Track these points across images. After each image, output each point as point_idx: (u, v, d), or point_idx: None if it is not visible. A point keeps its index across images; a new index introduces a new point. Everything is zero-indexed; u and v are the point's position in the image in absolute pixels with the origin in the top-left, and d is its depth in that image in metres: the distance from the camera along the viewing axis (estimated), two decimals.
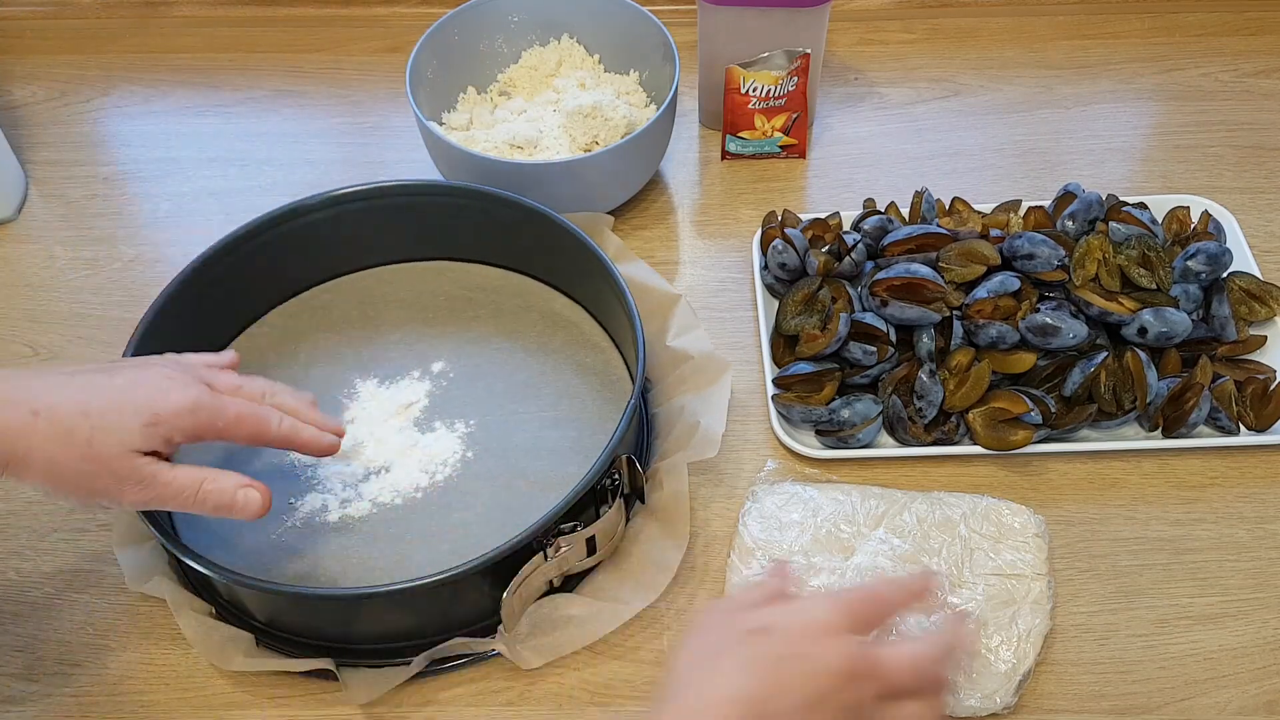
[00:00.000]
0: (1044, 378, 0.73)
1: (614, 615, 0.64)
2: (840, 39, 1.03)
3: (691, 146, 0.95)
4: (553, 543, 0.62)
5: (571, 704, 0.64)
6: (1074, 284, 0.74)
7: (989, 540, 0.66)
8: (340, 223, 0.79)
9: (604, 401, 0.75)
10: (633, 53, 0.93)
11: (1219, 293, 0.75)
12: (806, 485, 0.70)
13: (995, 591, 0.64)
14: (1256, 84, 0.97)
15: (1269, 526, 0.69)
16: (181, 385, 0.58)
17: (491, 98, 0.94)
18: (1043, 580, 0.65)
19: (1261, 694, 0.62)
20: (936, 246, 0.76)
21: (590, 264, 0.74)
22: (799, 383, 0.74)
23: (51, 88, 1.04)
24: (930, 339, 0.74)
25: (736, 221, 0.89)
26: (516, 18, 0.94)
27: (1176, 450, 0.73)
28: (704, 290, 0.84)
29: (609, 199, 0.87)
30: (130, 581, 0.66)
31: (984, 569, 0.65)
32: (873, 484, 0.72)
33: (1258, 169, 0.90)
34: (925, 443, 0.72)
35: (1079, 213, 0.78)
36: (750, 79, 0.85)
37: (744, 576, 0.66)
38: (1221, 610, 0.66)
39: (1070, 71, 0.99)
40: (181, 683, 0.65)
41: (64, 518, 0.73)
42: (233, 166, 0.96)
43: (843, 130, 0.96)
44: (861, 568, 0.65)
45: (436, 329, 0.80)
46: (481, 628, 0.64)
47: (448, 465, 0.72)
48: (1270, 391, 0.72)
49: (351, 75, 1.03)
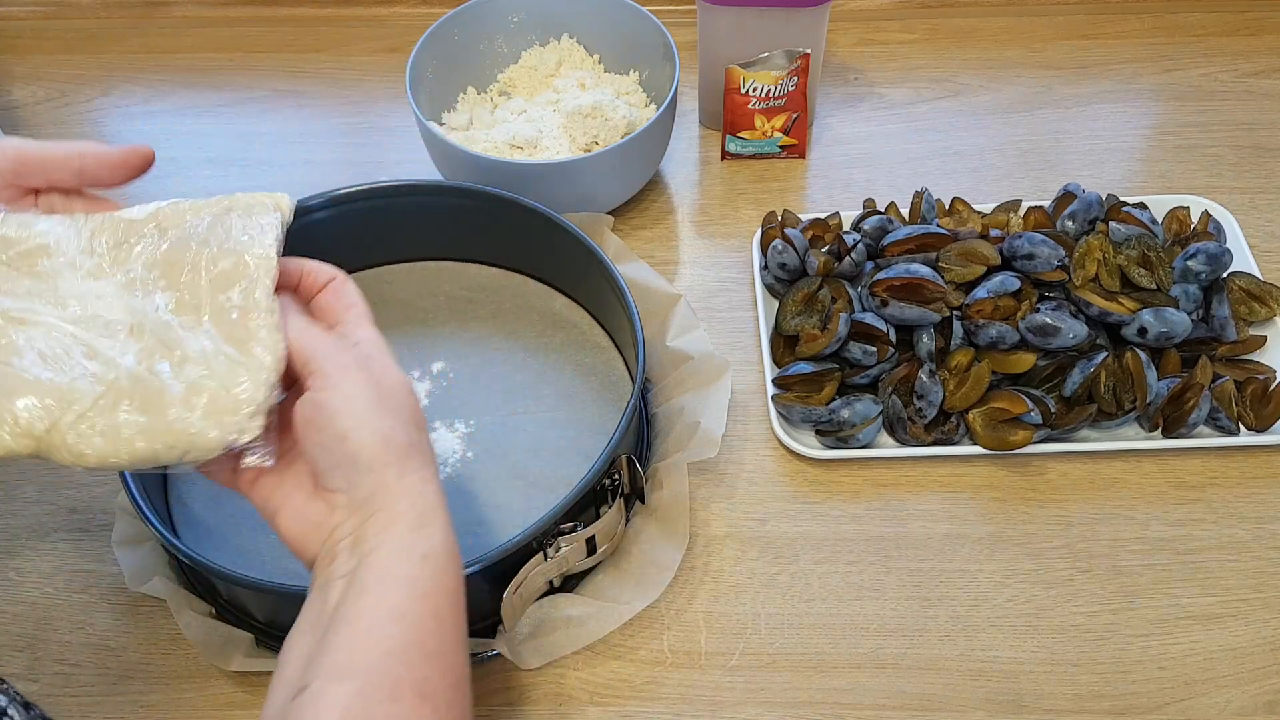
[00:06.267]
0: (1044, 378, 0.73)
1: (614, 615, 0.64)
2: (840, 39, 1.03)
3: (691, 146, 0.95)
4: (553, 543, 0.62)
5: (571, 704, 0.64)
6: (1074, 284, 0.74)
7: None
8: (340, 223, 0.79)
9: (604, 401, 0.75)
10: (633, 53, 0.93)
11: (1219, 293, 0.75)
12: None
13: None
14: (1256, 84, 0.97)
15: (1269, 526, 0.69)
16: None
17: (491, 98, 0.94)
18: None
19: (1261, 694, 0.62)
20: (936, 246, 0.76)
21: (590, 264, 0.74)
22: (799, 383, 0.74)
23: (51, 88, 1.04)
24: (930, 339, 0.74)
25: (736, 221, 0.89)
26: (516, 18, 0.94)
27: (1176, 450, 0.73)
28: (704, 290, 0.84)
29: (609, 199, 0.87)
30: (130, 581, 0.66)
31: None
32: (872, 484, 0.72)
33: (1258, 169, 0.90)
34: (925, 443, 0.72)
35: (1079, 213, 0.78)
36: (750, 79, 0.85)
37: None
38: (1221, 610, 0.66)
39: (1070, 71, 0.99)
40: (181, 683, 0.65)
41: (64, 518, 0.73)
42: (233, 166, 0.96)
43: (843, 130, 0.96)
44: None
45: (436, 329, 0.80)
46: (481, 628, 0.64)
47: (448, 465, 0.72)
48: (1270, 391, 0.72)
49: (351, 75, 1.03)
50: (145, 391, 0.48)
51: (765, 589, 0.68)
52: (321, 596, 0.47)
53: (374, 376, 0.49)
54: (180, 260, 0.51)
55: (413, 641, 0.45)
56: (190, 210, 0.52)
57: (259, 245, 0.51)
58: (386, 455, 0.48)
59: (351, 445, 0.47)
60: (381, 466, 0.48)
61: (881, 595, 0.67)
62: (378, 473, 0.48)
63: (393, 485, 0.48)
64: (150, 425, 0.48)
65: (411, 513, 0.48)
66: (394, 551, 0.46)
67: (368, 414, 0.48)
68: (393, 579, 0.46)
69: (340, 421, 0.48)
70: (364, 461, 0.47)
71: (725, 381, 0.70)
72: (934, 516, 0.70)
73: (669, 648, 0.65)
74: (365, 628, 0.44)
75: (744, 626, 0.66)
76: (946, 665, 0.64)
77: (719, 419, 0.69)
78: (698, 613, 0.67)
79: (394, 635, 0.44)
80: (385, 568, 0.46)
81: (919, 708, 0.63)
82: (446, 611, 0.47)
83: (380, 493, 0.48)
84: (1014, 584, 0.67)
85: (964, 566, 0.68)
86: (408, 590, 0.46)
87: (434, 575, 0.47)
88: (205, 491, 0.71)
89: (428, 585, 0.46)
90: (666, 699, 0.63)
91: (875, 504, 0.71)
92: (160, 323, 0.50)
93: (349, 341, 0.51)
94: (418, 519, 0.48)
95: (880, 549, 0.69)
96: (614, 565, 0.67)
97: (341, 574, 0.46)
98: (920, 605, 0.66)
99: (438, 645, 0.46)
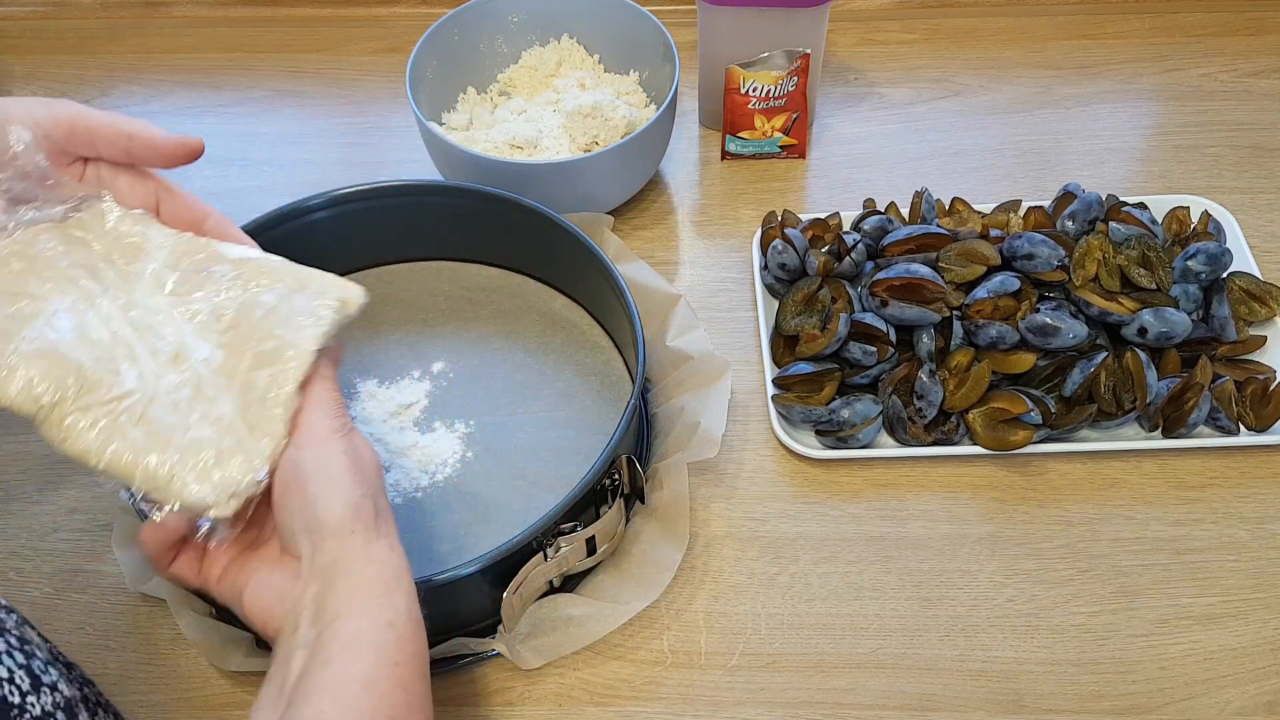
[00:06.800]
0: (1044, 378, 0.73)
1: (614, 615, 0.64)
2: (840, 39, 1.03)
3: (691, 146, 0.95)
4: (553, 543, 0.62)
5: (571, 704, 0.64)
6: (1074, 284, 0.74)
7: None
8: (340, 223, 0.79)
9: (604, 401, 0.75)
10: (633, 53, 0.93)
11: (1219, 293, 0.75)
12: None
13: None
14: (1256, 84, 0.97)
15: (1269, 526, 0.69)
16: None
17: (491, 98, 0.94)
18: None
19: (1261, 694, 0.62)
20: (936, 247, 0.76)
21: (590, 264, 0.74)
22: (799, 383, 0.74)
23: (51, 88, 1.04)
24: (930, 339, 0.74)
25: (736, 221, 0.89)
26: (516, 18, 0.94)
27: (1176, 450, 0.73)
28: (704, 290, 0.84)
29: (609, 199, 0.87)
30: (130, 581, 0.66)
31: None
32: (872, 484, 0.72)
33: (1258, 169, 0.90)
34: (925, 443, 0.72)
35: (1079, 213, 0.78)
36: (750, 79, 0.85)
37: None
38: (1221, 610, 0.66)
39: (1070, 71, 0.99)
40: (181, 683, 0.65)
41: (64, 518, 0.73)
42: (233, 166, 0.96)
43: (843, 130, 0.96)
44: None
45: (436, 329, 0.80)
46: (481, 628, 0.64)
47: (448, 465, 0.72)
48: (1270, 391, 0.72)
49: (351, 75, 1.03)
50: (159, 420, 0.49)
51: (765, 589, 0.68)
52: (282, 670, 0.46)
53: (354, 448, 0.50)
54: (240, 323, 0.52)
55: (380, 711, 0.44)
56: (271, 274, 0.54)
57: (305, 337, 0.52)
58: (354, 523, 0.48)
59: (321, 510, 0.48)
60: (348, 534, 0.48)
61: (881, 595, 0.67)
62: (344, 539, 0.48)
63: (358, 553, 0.48)
64: (144, 449, 0.48)
65: (377, 581, 0.47)
66: (359, 620, 0.46)
67: (341, 479, 0.49)
68: (359, 647, 0.45)
69: (313, 485, 0.48)
70: (331, 526, 0.48)
71: (725, 381, 0.70)
72: (934, 516, 0.70)
73: (669, 648, 0.65)
74: (332, 699, 0.44)
75: (744, 626, 0.66)
76: (946, 665, 0.64)
77: (719, 419, 0.69)
78: (698, 613, 0.67)
79: (362, 705, 0.44)
80: (351, 635, 0.45)
81: (919, 708, 0.63)
82: (411, 680, 0.47)
83: (345, 560, 0.47)
84: (1014, 584, 0.67)
85: (964, 566, 0.68)
86: (374, 658, 0.45)
87: (399, 643, 0.46)
88: None
89: (394, 653, 0.46)
90: (666, 699, 0.63)
91: (875, 504, 0.71)
92: (200, 373, 0.51)
93: (341, 410, 0.52)
94: (383, 587, 0.47)
95: (880, 549, 0.69)
96: (614, 565, 0.67)
97: (303, 643, 0.46)
98: (920, 605, 0.66)
99: (404, 715, 0.45)
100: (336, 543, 0.48)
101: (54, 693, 0.49)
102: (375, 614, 0.46)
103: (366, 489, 0.49)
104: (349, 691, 0.44)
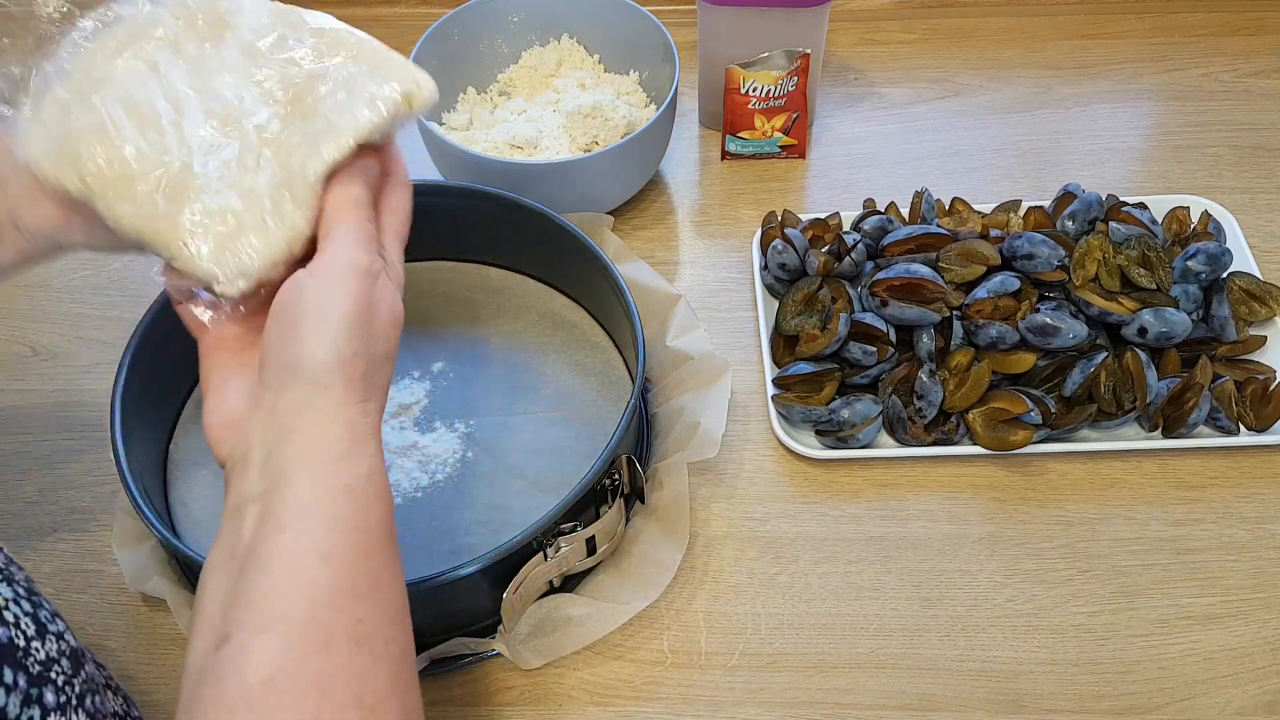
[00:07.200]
0: (1044, 378, 0.73)
1: (614, 615, 0.64)
2: (840, 39, 1.03)
3: (691, 146, 0.95)
4: (553, 543, 0.62)
5: (571, 704, 0.64)
6: (1074, 284, 0.74)
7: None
8: None
9: (604, 401, 0.75)
10: (633, 53, 0.93)
11: (1219, 293, 0.75)
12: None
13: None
14: (1256, 84, 0.97)
15: (1269, 526, 0.69)
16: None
17: (491, 98, 0.94)
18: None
19: (1261, 694, 0.62)
20: (936, 247, 0.76)
21: (590, 264, 0.74)
22: (799, 383, 0.74)
23: None
24: (930, 339, 0.74)
25: (736, 221, 0.89)
26: (516, 18, 0.94)
27: (1176, 450, 0.73)
28: (704, 290, 0.84)
29: (609, 199, 0.87)
30: (130, 581, 0.66)
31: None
32: (872, 484, 0.72)
33: (1258, 169, 0.90)
34: (925, 443, 0.72)
35: (1079, 213, 0.78)
36: (750, 79, 0.85)
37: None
38: (1221, 610, 0.66)
39: (1070, 71, 0.99)
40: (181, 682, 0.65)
41: (64, 518, 0.73)
42: None
43: (843, 130, 0.96)
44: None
45: (436, 329, 0.80)
46: (481, 628, 0.64)
47: (448, 465, 0.72)
48: (1270, 391, 0.72)
49: None
50: (184, 180, 0.47)
51: (765, 589, 0.68)
52: (235, 524, 0.43)
53: (371, 296, 0.45)
54: (303, 96, 0.49)
55: (340, 584, 0.41)
56: (345, 48, 0.51)
57: (350, 126, 0.49)
58: (332, 376, 0.43)
59: (303, 351, 0.44)
60: (321, 387, 0.43)
61: (881, 595, 0.67)
62: (316, 390, 0.43)
63: (328, 410, 0.43)
64: (159, 210, 0.47)
65: (338, 443, 0.43)
66: (311, 484, 0.42)
67: (336, 325, 0.44)
68: (312, 514, 0.42)
69: (305, 321, 0.44)
70: (307, 372, 0.43)
71: (725, 381, 0.70)
72: (934, 516, 0.70)
73: (669, 648, 0.65)
74: (287, 572, 0.40)
75: (744, 626, 0.66)
76: (946, 665, 0.64)
77: (719, 419, 0.69)
78: (698, 613, 0.67)
79: (319, 580, 0.40)
80: (302, 502, 0.42)
81: (919, 708, 0.63)
82: (375, 545, 0.43)
83: (309, 413, 0.43)
84: (1014, 584, 0.67)
85: (964, 566, 0.68)
86: (329, 527, 0.42)
87: (359, 508, 0.43)
88: (205, 491, 0.71)
89: (353, 520, 0.42)
90: (666, 699, 0.63)
91: (875, 504, 0.71)
92: (251, 140, 0.48)
93: (380, 249, 0.47)
94: (344, 449, 0.43)
95: (880, 549, 0.69)
96: (614, 565, 0.67)
97: (253, 495, 0.43)
98: (920, 605, 0.66)
99: (369, 583, 0.42)
100: (308, 391, 0.43)
101: (60, 640, 0.47)
102: (331, 479, 0.42)
103: (364, 345, 0.44)
104: (305, 563, 0.41)
